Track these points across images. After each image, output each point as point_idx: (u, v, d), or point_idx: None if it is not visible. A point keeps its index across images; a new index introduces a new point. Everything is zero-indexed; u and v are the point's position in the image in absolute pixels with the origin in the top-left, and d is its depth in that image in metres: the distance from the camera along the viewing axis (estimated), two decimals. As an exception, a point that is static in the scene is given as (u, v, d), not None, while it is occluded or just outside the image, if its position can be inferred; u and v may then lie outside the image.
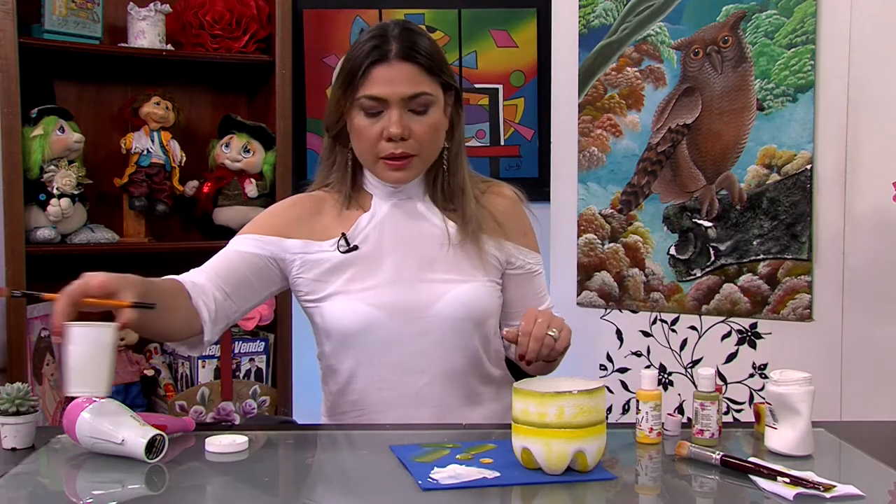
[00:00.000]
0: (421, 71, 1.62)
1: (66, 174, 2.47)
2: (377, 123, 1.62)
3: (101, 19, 2.60)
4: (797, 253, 2.46)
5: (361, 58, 1.61)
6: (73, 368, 1.39)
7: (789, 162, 2.47)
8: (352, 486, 1.35)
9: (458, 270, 1.69)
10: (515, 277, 1.76)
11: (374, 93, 1.60)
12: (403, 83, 1.60)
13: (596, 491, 1.30)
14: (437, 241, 1.70)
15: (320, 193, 1.76)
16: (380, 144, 1.62)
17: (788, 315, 2.48)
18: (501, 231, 1.75)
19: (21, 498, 1.29)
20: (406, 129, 1.61)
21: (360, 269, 1.67)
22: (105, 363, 1.39)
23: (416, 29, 1.67)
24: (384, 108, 1.61)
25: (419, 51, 1.62)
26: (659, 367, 2.68)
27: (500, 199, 1.79)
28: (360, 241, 1.68)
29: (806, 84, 2.44)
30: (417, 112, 1.63)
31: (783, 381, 1.43)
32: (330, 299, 1.67)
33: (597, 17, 2.76)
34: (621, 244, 2.74)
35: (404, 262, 1.67)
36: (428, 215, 1.71)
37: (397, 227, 1.70)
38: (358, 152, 1.68)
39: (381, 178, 1.68)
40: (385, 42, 1.61)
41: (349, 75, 1.62)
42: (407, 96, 1.61)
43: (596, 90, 2.77)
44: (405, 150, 1.62)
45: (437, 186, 1.72)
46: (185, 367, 2.69)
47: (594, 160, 2.78)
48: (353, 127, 1.65)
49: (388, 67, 1.60)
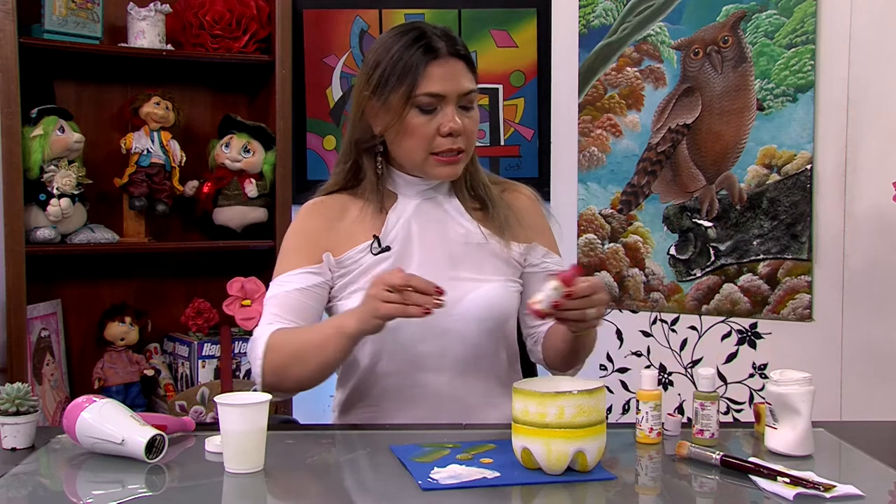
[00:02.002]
0: (467, 68, 1.65)
1: (66, 174, 2.47)
2: (433, 120, 1.62)
3: (101, 19, 2.60)
4: (797, 253, 2.46)
5: (414, 57, 1.60)
6: (233, 449, 1.35)
7: (789, 162, 2.47)
8: (352, 486, 1.35)
9: (482, 269, 1.69)
10: (534, 276, 1.75)
11: (433, 90, 1.60)
12: (458, 79, 1.62)
13: (596, 491, 1.30)
14: (462, 240, 1.70)
15: (338, 196, 1.74)
16: (435, 140, 1.63)
17: (788, 315, 2.48)
18: (523, 229, 1.75)
19: (21, 498, 1.29)
20: (462, 125, 1.63)
21: (387, 266, 1.66)
22: (262, 439, 1.36)
23: (449, 28, 1.70)
24: (438, 105, 1.62)
25: (463, 47, 1.65)
26: (659, 367, 2.68)
27: (521, 197, 1.80)
28: (390, 241, 1.68)
29: (806, 84, 2.44)
30: (466, 108, 1.64)
31: (783, 381, 1.43)
32: (354, 296, 1.67)
33: (597, 17, 2.76)
34: (621, 244, 2.74)
35: (430, 260, 1.67)
36: (454, 214, 1.72)
37: (424, 226, 1.70)
38: (406, 150, 1.65)
39: (430, 174, 1.67)
40: (433, 41, 1.62)
41: (401, 75, 1.61)
42: (463, 92, 1.62)
43: (596, 90, 2.77)
44: (459, 146, 1.64)
45: (462, 184, 1.73)
46: (185, 367, 2.70)
47: (594, 160, 2.78)
48: (404, 126, 1.63)
49: (443, 64, 1.61)
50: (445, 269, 1.67)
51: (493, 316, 1.68)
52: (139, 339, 2.71)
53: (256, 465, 1.35)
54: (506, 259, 1.71)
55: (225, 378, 2.64)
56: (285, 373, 1.60)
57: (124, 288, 2.81)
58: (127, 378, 2.66)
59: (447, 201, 1.73)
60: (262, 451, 1.36)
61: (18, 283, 2.41)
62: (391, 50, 1.63)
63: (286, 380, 1.61)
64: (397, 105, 1.62)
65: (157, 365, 2.72)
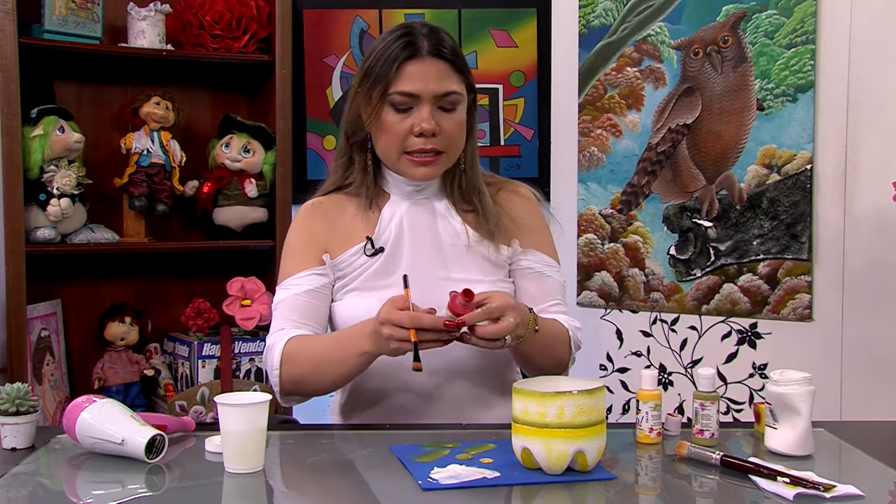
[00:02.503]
0: (450, 69, 1.63)
1: (66, 174, 2.47)
2: (406, 119, 1.62)
3: (101, 19, 2.60)
4: (797, 253, 2.46)
5: (393, 54, 1.61)
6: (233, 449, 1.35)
7: (789, 162, 2.47)
8: (352, 486, 1.35)
9: (474, 270, 1.69)
10: (520, 273, 1.74)
11: (406, 89, 1.60)
12: (435, 80, 1.61)
13: (596, 491, 1.30)
14: (453, 241, 1.70)
15: (334, 197, 1.75)
16: (408, 140, 1.63)
17: (788, 315, 2.48)
18: (516, 228, 1.74)
19: (21, 498, 1.29)
20: (436, 126, 1.62)
21: (377, 267, 1.67)
22: (261, 439, 1.36)
23: (442, 29, 1.69)
24: (414, 105, 1.62)
25: (449, 49, 1.64)
26: (659, 367, 2.68)
27: (517, 197, 1.79)
28: (383, 241, 1.68)
29: (806, 84, 2.44)
30: (446, 109, 1.64)
31: (783, 381, 1.43)
32: (346, 297, 1.68)
33: (597, 17, 2.76)
34: (621, 244, 2.74)
35: (421, 261, 1.67)
36: (445, 215, 1.72)
37: (415, 226, 1.70)
38: (383, 148, 1.66)
39: (405, 174, 1.67)
40: (415, 39, 1.62)
41: (380, 72, 1.62)
42: (439, 93, 1.62)
43: (596, 90, 2.77)
44: (435, 146, 1.63)
45: (454, 186, 1.73)
46: (185, 367, 2.70)
47: (594, 160, 2.78)
48: (379, 123, 1.64)
49: (420, 64, 1.61)
50: (436, 269, 1.67)
51: None
52: (139, 339, 2.71)
53: (256, 465, 1.35)
54: (494, 261, 1.71)
55: (225, 378, 2.64)
56: (303, 382, 1.62)
57: (124, 288, 2.81)
58: (127, 378, 2.66)
59: (437, 201, 1.73)
60: (262, 451, 1.36)
61: (18, 283, 2.41)
62: (379, 45, 1.65)
63: (304, 388, 1.63)
64: (375, 101, 1.63)
65: (157, 365, 2.72)
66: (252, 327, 2.68)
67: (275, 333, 1.65)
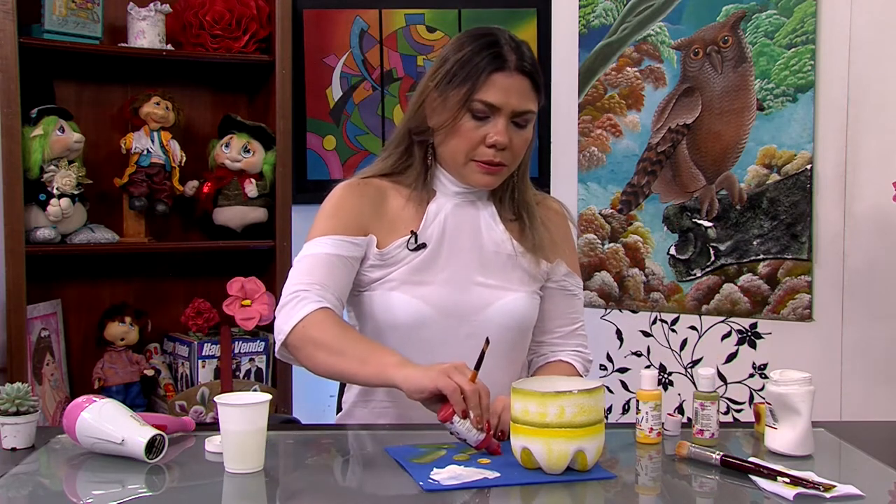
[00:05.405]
0: (531, 87, 1.65)
1: (66, 174, 2.47)
2: (482, 128, 1.62)
3: (101, 19, 2.60)
4: (797, 253, 2.46)
5: (482, 63, 1.61)
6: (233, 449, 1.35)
7: (789, 162, 2.47)
8: (352, 486, 1.35)
9: (510, 279, 1.70)
10: (553, 292, 1.77)
11: (490, 99, 1.61)
12: (518, 96, 1.62)
13: (596, 491, 1.30)
14: (494, 248, 1.71)
15: (380, 182, 1.73)
16: (479, 148, 1.63)
17: (788, 315, 2.48)
18: (554, 247, 1.76)
19: (21, 498, 1.29)
20: (508, 140, 1.63)
21: (418, 262, 1.67)
22: (262, 439, 1.36)
23: (524, 42, 1.69)
24: (491, 115, 1.62)
25: (533, 66, 1.65)
26: (659, 367, 2.68)
27: (551, 213, 1.81)
28: (427, 236, 1.68)
29: (806, 84, 2.44)
30: (519, 125, 1.65)
31: (783, 381, 1.43)
32: (381, 289, 1.67)
33: (597, 17, 2.76)
34: (621, 244, 2.74)
35: (461, 263, 1.68)
36: (490, 222, 1.72)
37: (459, 227, 1.70)
38: (451, 150, 1.66)
39: (467, 178, 1.68)
40: (503, 51, 1.62)
41: (465, 77, 1.62)
42: (518, 111, 1.63)
43: (596, 90, 2.77)
44: (502, 160, 1.64)
45: (504, 197, 1.74)
46: (185, 367, 2.69)
47: (594, 160, 2.78)
48: (454, 126, 1.63)
49: (507, 77, 1.61)
50: (473, 273, 1.68)
51: (517, 325, 1.69)
52: (139, 339, 2.71)
53: (256, 465, 1.35)
54: (533, 274, 1.72)
55: (225, 378, 2.64)
56: (310, 348, 1.54)
57: (124, 288, 2.81)
58: (127, 378, 2.65)
59: (483, 206, 1.73)
60: (262, 451, 1.36)
61: (18, 283, 2.41)
62: (462, 49, 1.64)
63: (304, 350, 1.54)
64: (453, 105, 1.62)
65: (157, 365, 2.72)
66: (252, 327, 2.68)
67: (298, 289, 1.57)
